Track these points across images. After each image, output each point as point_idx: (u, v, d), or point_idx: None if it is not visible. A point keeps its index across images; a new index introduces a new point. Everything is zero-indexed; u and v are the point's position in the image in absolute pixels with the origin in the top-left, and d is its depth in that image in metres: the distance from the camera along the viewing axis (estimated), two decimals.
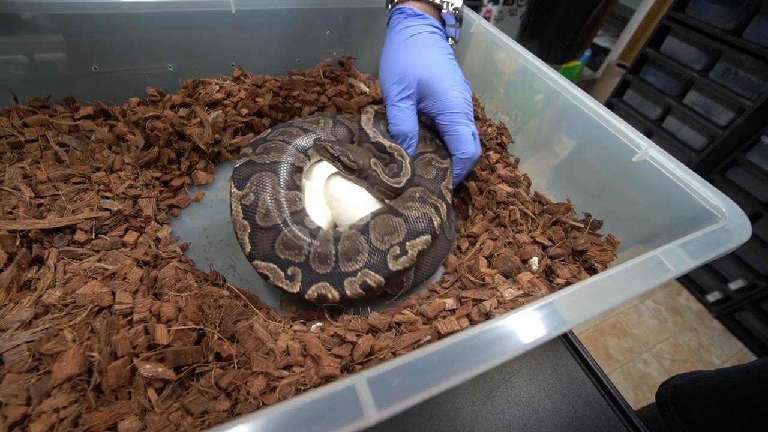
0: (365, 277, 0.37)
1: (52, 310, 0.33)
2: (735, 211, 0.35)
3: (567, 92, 0.48)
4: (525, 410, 0.39)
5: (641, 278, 0.30)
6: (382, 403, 0.20)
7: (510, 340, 0.23)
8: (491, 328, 0.23)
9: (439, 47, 0.49)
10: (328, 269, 0.37)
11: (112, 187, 0.45)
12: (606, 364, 1.52)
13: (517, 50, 0.54)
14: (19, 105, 0.50)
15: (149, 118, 0.53)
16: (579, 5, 1.80)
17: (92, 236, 0.40)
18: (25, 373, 0.29)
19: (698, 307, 1.75)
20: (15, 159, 0.45)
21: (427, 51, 0.48)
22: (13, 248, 0.36)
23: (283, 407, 0.19)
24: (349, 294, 0.37)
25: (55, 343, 0.30)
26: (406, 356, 0.21)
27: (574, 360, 0.44)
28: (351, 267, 0.37)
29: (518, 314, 0.24)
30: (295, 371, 0.31)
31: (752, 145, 1.42)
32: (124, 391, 0.29)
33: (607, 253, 0.43)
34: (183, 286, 0.37)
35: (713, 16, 1.44)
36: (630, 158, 0.42)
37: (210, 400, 0.30)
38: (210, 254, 0.47)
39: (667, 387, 0.78)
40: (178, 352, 0.30)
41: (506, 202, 0.49)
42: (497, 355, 0.22)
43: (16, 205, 0.39)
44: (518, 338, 0.23)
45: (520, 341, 0.23)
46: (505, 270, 0.41)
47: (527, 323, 0.24)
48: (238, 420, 0.18)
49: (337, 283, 0.37)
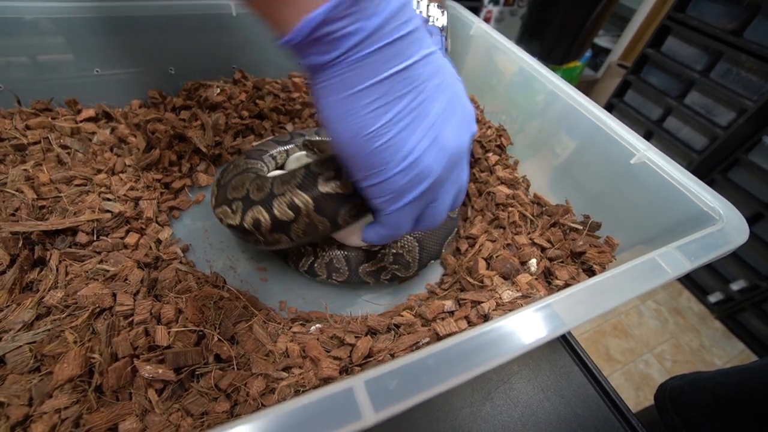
0: (294, 197, 0.35)
1: (54, 311, 0.33)
2: (732, 212, 0.35)
3: (565, 94, 0.49)
4: (523, 411, 0.40)
5: (638, 281, 0.30)
6: (379, 405, 0.20)
7: (506, 342, 0.23)
8: (487, 330, 0.23)
9: None
10: (263, 194, 0.36)
11: (114, 189, 0.45)
12: (607, 365, 1.52)
13: (515, 52, 0.55)
14: (22, 108, 0.50)
15: (150, 121, 0.54)
16: (579, 6, 1.80)
17: (94, 238, 0.41)
18: (27, 374, 0.29)
19: (700, 307, 1.74)
20: (18, 161, 0.45)
21: None
22: (15, 250, 0.36)
23: (281, 409, 0.20)
24: (277, 214, 0.35)
25: (56, 344, 0.30)
26: (402, 359, 0.21)
27: (572, 361, 0.44)
28: (282, 189, 0.35)
29: (514, 317, 0.24)
30: (294, 373, 0.31)
31: (754, 146, 1.42)
32: (125, 392, 0.30)
33: (606, 255, 0.43)
34: (183, 288, 0.37)
35: (714, 17, 1.44)
36: (628, 160, 0.43)
37: (210, 401, 0.30)
38: (210, 255, 0.47)
39: (666, 388, 0.78)
40: (178, 354, 0.30)
41: (505, 204, 0.49)
42: (493, 358, 0.22)
43: (18, 207, 0.40)
44: (514, 341, 0.23)
45: (516, 344, 0.23)
46: (504, 272, 0.42)
47: (523, 326, 0.24)
48: (236, 422, 0.18)
49: (268, 205, 0.36)
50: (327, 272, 0.44)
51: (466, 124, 0.29)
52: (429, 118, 0.26)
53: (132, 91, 0.56)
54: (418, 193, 0.28)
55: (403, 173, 0.26)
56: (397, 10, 0.23)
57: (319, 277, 0.45)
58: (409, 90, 0.25)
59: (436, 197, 0.30)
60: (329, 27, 0.22)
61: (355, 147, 0.26)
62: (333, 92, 0.25)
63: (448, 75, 0.27)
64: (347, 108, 0.25)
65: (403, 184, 0.27)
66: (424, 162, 0.26)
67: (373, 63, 0.24)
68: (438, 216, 0.32)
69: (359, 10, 0.22)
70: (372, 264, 0.44)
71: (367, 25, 0.23)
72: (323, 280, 0.45)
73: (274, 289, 0.46)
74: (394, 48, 0.24)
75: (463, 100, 0.29)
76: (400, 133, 0.25)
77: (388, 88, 0.24)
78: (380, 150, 0.25)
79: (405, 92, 0.25)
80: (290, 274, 0.48)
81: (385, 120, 0.25)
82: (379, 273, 0.44)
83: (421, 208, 0.30)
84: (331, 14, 0.22)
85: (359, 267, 0.43)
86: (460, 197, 0.35)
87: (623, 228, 0.45)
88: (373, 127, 0.25)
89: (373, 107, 0.24)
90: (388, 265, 0.44)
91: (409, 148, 0.26)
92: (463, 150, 0.29)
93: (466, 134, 0.29)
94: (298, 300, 0.45)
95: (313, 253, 0.44)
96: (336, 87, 0.24)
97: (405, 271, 0.44)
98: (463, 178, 0.32)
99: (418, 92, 0.25)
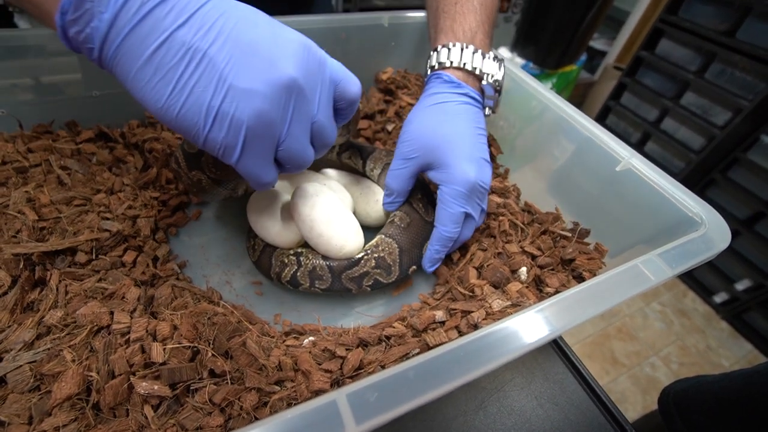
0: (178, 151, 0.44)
1: (54, 330, 0.34)
2: (714, 218, 0.36)
3: (551, 103, 0.50)
4: (517, 419, 0.40)
5: (621, 287, 0.30)
6: (360, 417, 0.20)
7: (487, 353, 0.24)
8: (469, 341, 0.24)
9: (466, 118, 0.45)
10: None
11: (112, 208, 0.47)
12: (613, 369, 1.51)
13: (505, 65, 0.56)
14: (24, 131, 0.52)
15: (148, 140, 0.55)
16: (572, 11, 1.82)
17: (93, 257, 0.42)
18: (27, 393, 0.30)
19: (705, 308, 1.73)
20: (20, 183, 0.47)
21: (449, 119, 0.45)
22: (17, 271, 0.37)
23: (268, 422, 0.20)
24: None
25: (55, 363, 0.31)
26: (383, 372, 0.22)
27: (566, 368, 0.44)
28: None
29: (496, 327, 0.25)
30: (287, 386, 0.32)
31: (752, 145, 1.42)
32: (122, 409, 0.31)
33: (595, 262, 0.43)
34: (179, 304, 0.38)
35: (706, 18, 1.45)
36: (614, 167, 0.43)
37: (204, 416, 0.31)
38: (207, 271, 0.48)
39: (670, 392, 0.78)
40: (173, 370, 0.31)
41: (496, 213, 0.50)
42: (474, 369, 0.23)
43: (20, 229, 0.41)
44: (495, 351, 0.24)
45: (497, 353, 0.24)
46: (494, 280, 0.42)
47: (504, 336, 0.25)
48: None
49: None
50: (310, 280, 0.44)
51: (274, 57, 0.28)
52: (216, 71, 0.27)
53: (130, 110, 0.58)
54: (242, 139, 0.29)
55: (216, 128, 0.28)
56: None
57: (302, 285, 0.45)
58: (181, 57, 0.26)
59: (278, 136, 0.30)
60: (72, 30, 0.26)
61: (164, 118, 0.28)
62: (124, 78, 0.28)
63: (234, 20, 0.28)
64: (138, 88, 0.27)
65: (224, 136, 0.28)
66: (229, 112, 0.27)
67: (129, 49, 0.26)
68: (296, 152, 0.32)
69: (84, 13, 0.25)
70: (354, 270, 0.44)
71: (100, 25, 0.25)
72: (306, 289, 0.45)
73: (269, 302, 0.47)
74: (143, 29, 0.26)
75: (261, 38, 0.28)
76: (190, 96, 0.27)
77: (158, 64, 0.26)
78: (183, 116, 0.27)
79: (177, 60, 0.26)
80: (285, 287, 0.48)
81: (169, 90, 0.27)
82: (362, 279, 0.44)
83: (266, 151, 0.31)
84: (62, 22, 0.26)
85: (342, 274, 0.44)
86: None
87: (612, 234, 0.45)
88: (162, 99, 0.27)
89: (153, 83, 0.27)
90: (370, 270, 0.44)
91: (209, 106, 0.27)
92: (286, 81, 0.28)
93: (281, 66, 0.28)
94: (293, 313, 0.46)
95: (297, 262, 0.45)
96: (123, 74, 0.27)
97: (387, 276, 0.45)
98: (323, 122, 0.33)
99: (193, 53, 0.26)
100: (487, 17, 0.51)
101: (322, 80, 0.32)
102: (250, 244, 0.49)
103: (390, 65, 0.71)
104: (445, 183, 0.44)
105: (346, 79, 0.34)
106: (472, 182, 0.42)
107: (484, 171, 0.44)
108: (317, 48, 0.32)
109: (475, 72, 0.47)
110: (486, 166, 0.45)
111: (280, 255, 0.46)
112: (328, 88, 0.33)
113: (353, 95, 0.35)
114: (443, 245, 0.45)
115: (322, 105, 0.32)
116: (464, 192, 0.43)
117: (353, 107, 0.36)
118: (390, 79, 0.69)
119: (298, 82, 0.29)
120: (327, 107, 0.33)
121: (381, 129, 0.66)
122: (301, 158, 0.33)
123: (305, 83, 0.30)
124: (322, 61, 0.32)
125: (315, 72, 0.31)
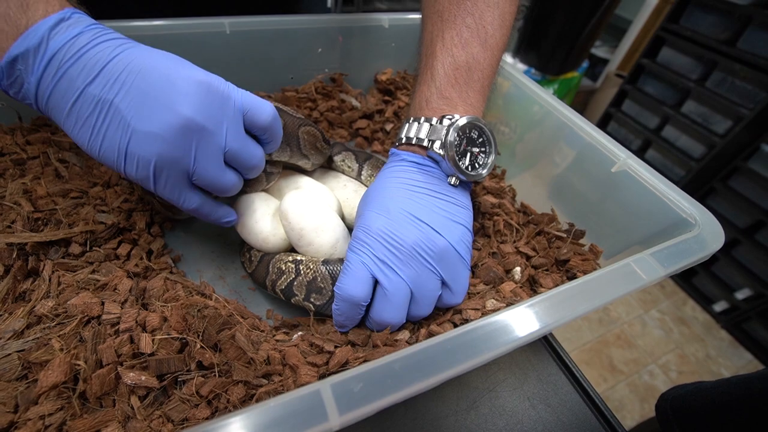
0: None
1: (44, 320, 0.34)
2: (708, 219, 0.35)
3: (553, 108, 0.50)
4: (509, 420, 0.40)
5: (613, 286, 0.30)
6: (343, 407, 0.20)
7: (474, 348, 0.24)
8: (455, 336, 0.24)
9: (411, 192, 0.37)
10: None
11: (108, 201, 0.47)
12: (611, 376, 1.50)
13: (505, 68, 0.56)
14: (23, 123, 0.52)
15: None
16: (575, 18, 1.83)
17: (87, 249, 0.42)
18: (14, 381, 0.30)
19: (705, 317, 1.72)
20: (17, 175, 0.47)
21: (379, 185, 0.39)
22: (9, 261, 0.37)
23: (252, 409, 0.20)
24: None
25: (43, 351, 0.31)
26: (369, 363, 0.22)
27: (559, 370, 0.44)
28: None
29: (481, 322, 0.25)
30: (274, 380, 0.32)
31: (752, 153, 1.42)
32: (109, 399, 0.30)
33: (590, 263, 0.43)
34: (171, 297, 0.38)
35: (707, 27, 1.46)
36: (609, 169, 0.43)
37: (191, 408, 0.30)
38: (201, 265, 0.48)
39: (667, 398, 0.77)
40: (161, 361, 0.31)
41: (491, 213, 0.50)
42: (459, 363, 0.23)
43: (14, 220, 0.41)
44: (481, 347, 0.24)
45: (484, 348, 0.24)
46: (488, 280, 0.42)
47: (490, 332, 0.25)
48: (203, 425, 0.19)
49: None
50: (306, 292, 0.40)
51: (170, 100, 0.31)
52: (121, 118, 0.31)
53: None
54: (153, 173, 0.32)
55: (129, 165, 0.32)
56: (50, 59, 0.30)
57: (296, 297, 0.41)
58: (92, 108, 0.30)
59: (186, 168, 0.33)
60: (11, 92, 0.32)
61: (91, 155, 0.32)
62: (59, 124, 0.32)
63: (136, 69, 0.31)
64: (69, 133, 0.32)
65: (137, 172, 0.32)
66: (135, 152, 0.31)
67: (55, 104, 0.31)
68: (209, 179, 0.35)
69: (16, 79, 0.31)
70: None
71: (29, 87, 0.31)
72: (298, 301, 0.41)
73: (262, 298, 0.47)
74: (60, 88, 0.30)
75: (159, 83, 0.31)
76: (104, 140, 0.31)
77: (77, 115, 0.31)
78: (103, 155, 0.32)
79: (90, 111, 0.31)
80: (278, 297, 0.46)
81: (89, 135, 0.31)
82: None
83: (178, 181, 0.34)
84: (2, 86, 0.31)
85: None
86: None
87: (608, 236, 0.45)
88: (86, 142, 0.32)
89: (77, 130, 0.31)
90: None
91: (119, 147, 0.31)
92: (183, 122, 0.31)
93: (177, 108, 0.31)
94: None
95: (295, 270, 0.41)
96: (57, 121, 0.32)
97: None
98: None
99: (102, 104, 0.30)
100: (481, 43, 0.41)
101: (226, 113, 0.34)
102: (246, 258, 0.46)
103: (390, 66, 0.72)
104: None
105: (255, 108, 0.35)
106: (375, 230, 0.34)
107: (404, 227, 0.34)
108: (220, 82, 0.34)
109: (422, 144, 0.39)
110: (417, 225, 0.35)
111: (278, 262, 0.42)
112: (234, 119, 0.34)
113: (263, 122, 0.36)
114: (339, 309, 0.36)
115: (230, 135, 0.34)
116: (365, 241, 0.35)
117: (270, 132, 0.38)
118: (389, 80, 0.70)
119: (195, 121, 0.31)
120: (237, 136, 0.35)
121: (379, 129, 0.66)
122: (217, 184, 0.36)
123: (205, 119, 0.32)
124: (225, 95, 0.34)
125: (217, 107, 0.33)
